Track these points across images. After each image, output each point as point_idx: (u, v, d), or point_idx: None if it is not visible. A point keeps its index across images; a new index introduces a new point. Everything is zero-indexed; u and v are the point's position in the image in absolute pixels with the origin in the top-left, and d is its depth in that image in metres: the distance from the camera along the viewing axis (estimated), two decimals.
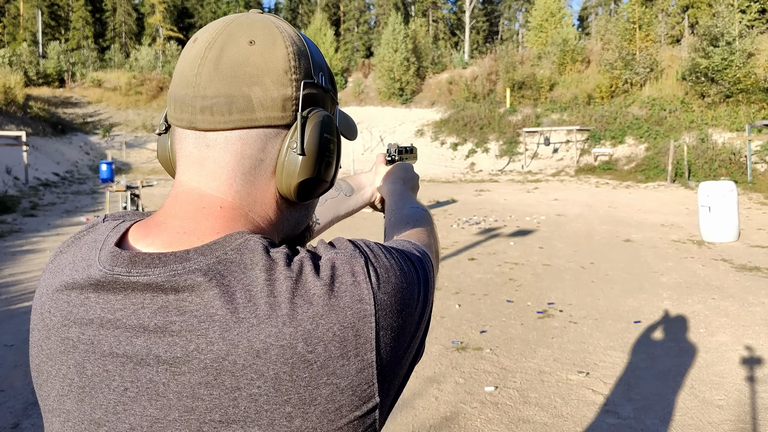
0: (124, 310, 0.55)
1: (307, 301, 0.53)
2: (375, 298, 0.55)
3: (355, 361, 0.53)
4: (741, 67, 21.89)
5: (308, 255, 0.58)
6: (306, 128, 0.61)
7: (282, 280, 0.54)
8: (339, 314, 0.53)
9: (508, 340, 4.71)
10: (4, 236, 10.22)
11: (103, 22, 59.32)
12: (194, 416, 0.52)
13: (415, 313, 0.60)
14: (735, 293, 6.01)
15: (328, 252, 0.58)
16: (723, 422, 3.30)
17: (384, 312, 0.56)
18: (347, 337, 0.53)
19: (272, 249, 0.57)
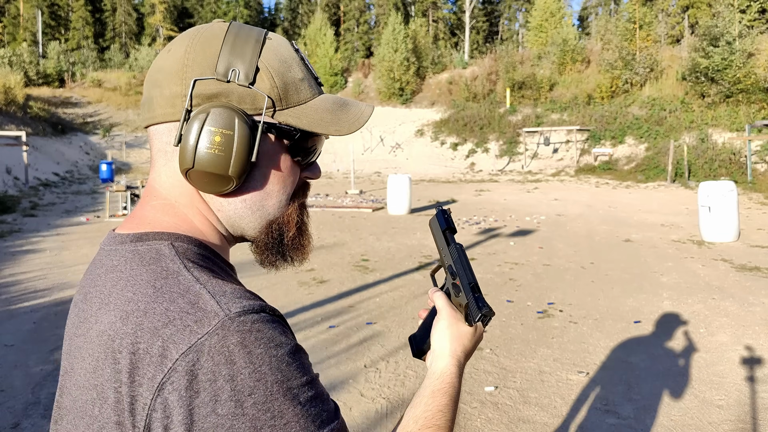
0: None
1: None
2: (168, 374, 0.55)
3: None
4: (741, 67, 21.89)
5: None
6: (190, 121, 0.65)
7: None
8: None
9: (508, 340, 4.71)
10: (4, 236, 10.22)
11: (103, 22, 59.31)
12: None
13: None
14: (735, 293, 6.01)
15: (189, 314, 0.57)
16: (723, 422, 3.30)
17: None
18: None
19: (159, 264, 0.63)
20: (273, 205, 0.72)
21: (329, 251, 8.53)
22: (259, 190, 0.71)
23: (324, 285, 6.46)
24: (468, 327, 0.85)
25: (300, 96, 0.71)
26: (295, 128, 0.70)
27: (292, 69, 0.71)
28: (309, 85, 0.72)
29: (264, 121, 0.68)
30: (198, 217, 0.71)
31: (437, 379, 0.80)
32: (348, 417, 3.32)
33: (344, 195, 17.94)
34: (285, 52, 0.71)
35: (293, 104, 0.70)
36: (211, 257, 0.69)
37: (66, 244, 9.47)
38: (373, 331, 4.90)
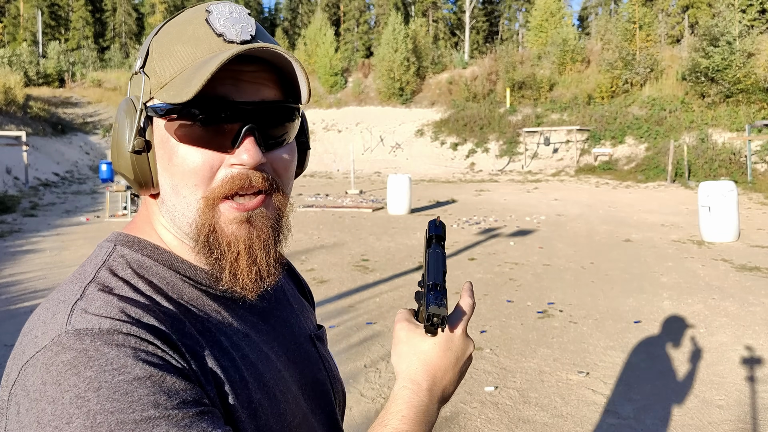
0: None
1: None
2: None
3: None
4: (741, 67, 21.88)
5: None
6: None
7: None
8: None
9: (508, 340, 4.71)
10: (4, 236, 10.22)
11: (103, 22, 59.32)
12: None
13: None
14: (735, 293, 6.01)
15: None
16: (723, 422, 3.30)
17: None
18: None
19: (94, 272, 0.58)
20: (179, 204, 0.60)
21: (329, 251, 8.53)
22: (166, 187, 0.61)
23: (324, 285, 6.46)
24: (427, 340, 0.64)
25: (176, 65, 0.58)
26: (167, 104, 0.57)
27: (178, 37, 0.60)
28: (193, 48, 0.58)
29: (144, 104, 0.60)
30: (158, 224, 0.65)
31: (385, 410, 0.62)
32: (348, 417, 3.32)
33: (344, 195, 17.94)
34: (184, 18, 0.61)
35: (168, 78, 0.58)
36: (156, 266, 0.61)
37: (66, 244, 9.47)
38: (373, 331, 4.90)
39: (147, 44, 0.62)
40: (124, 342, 0.50)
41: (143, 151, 0.60)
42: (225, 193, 0.59)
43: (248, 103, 0.58)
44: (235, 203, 0.59)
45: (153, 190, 0.62)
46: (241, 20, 0.60)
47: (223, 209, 0.59)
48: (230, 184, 0.58)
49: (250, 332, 0.65)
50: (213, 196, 0.59)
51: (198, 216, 0.59)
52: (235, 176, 0.58)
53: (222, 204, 0.59)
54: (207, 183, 0.59)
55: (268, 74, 0.61)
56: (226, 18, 0.59)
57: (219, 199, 0.59)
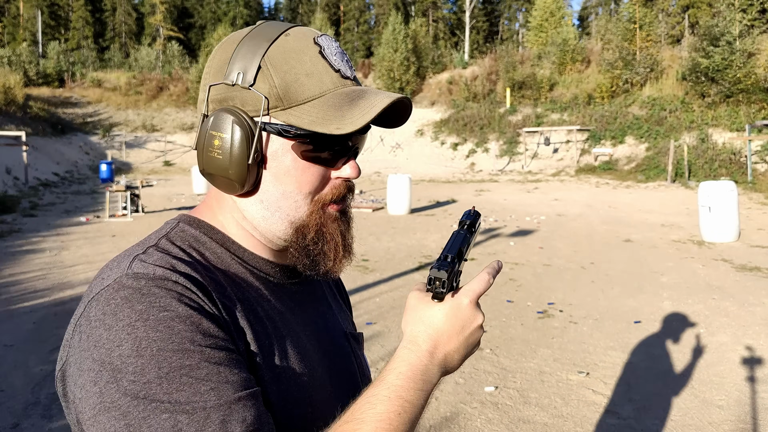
0: None
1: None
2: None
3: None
4: (741, 67, 21.88)
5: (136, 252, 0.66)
6: (202, 126, 0.70)
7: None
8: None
9: (508, 340, 4.71)
10: (3, 236, 10.21)
11: (103, 22, 59.30)
12: None
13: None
14: (735, 293, 6.01)
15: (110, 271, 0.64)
16: (723, 422, 3.30)
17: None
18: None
19: (159, 239, 0.69)
20: (290, 206, 0.71)
21: None
22: (274, 192, 0.71)
23: None
24: (434, 306, 0.67)
25: (305, 93, 0.67)
26: (297, 128, 0.67)
27: (299, 65, 0.68)
28: (319, 80, 0.68)
29: (263, 122, 0.68)
30: (227, 215, 0.75)
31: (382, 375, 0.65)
32: None
33: None
34: (296, 47, 0.68)
35: (296, 102, 0.67)
36: (211, 242, 0.72)
37: (66, 244, 9.47)
38: (373, 331, 4.90)
39: (252, 62, 0.68)
40: (172, 287, 0.60)
41: (256, 162, 0.69)
42: (332, 198, 0.72)
43: (355, 133, 0.68)
44: (334, 205, 0.73)
45: (241, 190, 0.70)
46: (345, 55, 0.73)
47: (328, 211, 0.73)
48: (336, 191, 0.73)
49: (286, 312, 0.74)
50: (321, 201, 0.72)
51: (306, 216, 0.71)
52: (339, 186, 0.73)
53: (327, 207, 0.73)
54: (318, 191, 0.72)
55: None
56: (334, 53, 0.71)
57: (327, 204, 0.72)
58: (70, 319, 0.64)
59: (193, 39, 59.02)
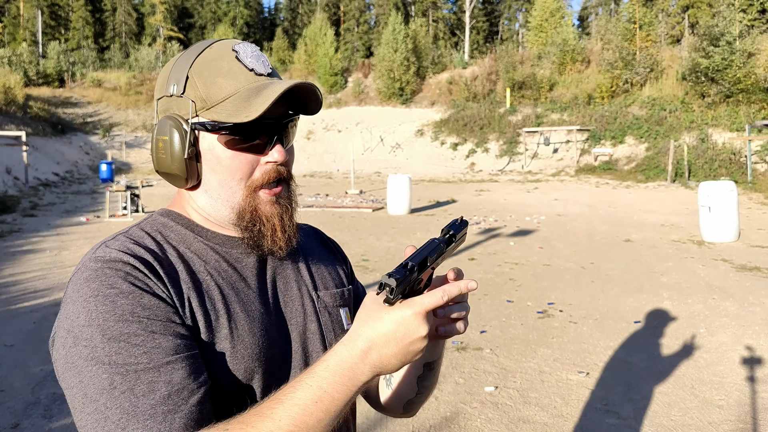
0: None
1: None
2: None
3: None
4: (741, 67, 21.88)
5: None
6: (153, 132, 0.83)
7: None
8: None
9: (508, 340, 4.71)
10: (4, 236, 10.21)
11: (103, 22, 59.29)
12: None
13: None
14: (735, 293, 6.01)
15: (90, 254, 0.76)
16: (723, 422, 3.30)
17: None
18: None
19: (127, 230, 0.81)
20: (227, 192, 0.81)
21: None
22: (212, 181, 0.81)
23: None
24: (383, 309, 0.68)
25: (222, 92, 0.78)
26: (218, 122, 0.78)
27: (217, 70, 0.79)
28: (234, 80, 0.78)
29: (193, 123, 0.79)
30: (187, 206, 0.86)
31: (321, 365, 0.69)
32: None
33: (344, 195, 17.94)
34: (216, 55, 0.80)
35: (217, 101, 0.78)
36: (177, 226, 0.84)
37: (66, 244, 9.47)
38: None
39: (181, 74, 0.80)
40: (121, 268, 0.72)
41: (193, 157, 0.81)
42: (262, 182, 0.81)
43: (274, 119, 0.80)
44: (267, 190, 0.82)
45: (191, 183, 0.82)
46: (260, 57, 0.82)
47: (260, 195, 0.82)
48: (266, 175, 0.81)
49: (241, 281, 0.83)
50: (254, 186, 0.81)
51: (242, 200, 0.81)
52: (269, 170, 0.81)
53: (258, 191, 0.82)
54: (248, 176, 0.81)
55: (280, 96, 0.78)
56: (250, 56, 0.81)
57: (258, 187, 0.81)
58: None
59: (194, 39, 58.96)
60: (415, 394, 0.95)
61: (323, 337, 0.88)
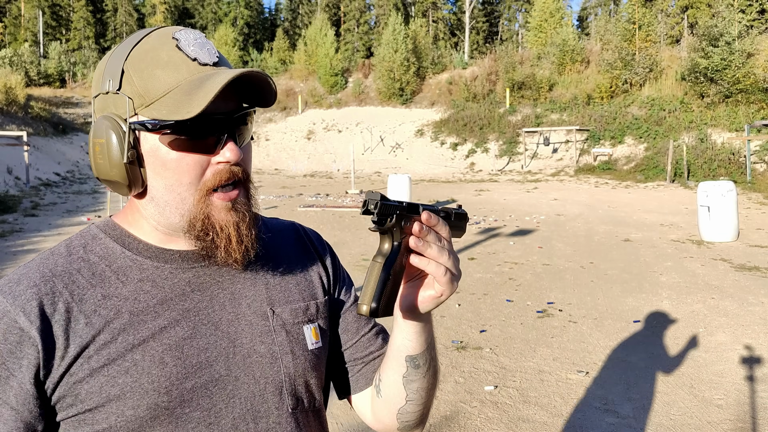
0: None
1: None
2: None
3: None
4: (740, 67, 21.90)
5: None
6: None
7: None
8: None
9: (507, 340, 4.73)
10: (5, 236, 10.23)
11: (104, 23, 59.32)
12: None
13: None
14: (734, 293, 6.03)
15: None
16: (722, 422, 3.32)
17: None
18: None
19: (78, 234, 0.77)
20: (175, 198, 0.72)
21: None
22: (159, 187, 0.72)
23: None
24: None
25: (162, 87, 0.69)
26: (159, 120, 0.69)
27: (155, 61, 0.70)
28: (175, 71, 0.69)
29: (131, 122, 0.70)
30: (135, 215, 0.77)
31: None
32: (348, 417, 3.34)
33: (344, 195, 17.96)
34: (154, 45, 0.71)
35: (156, 97, 0.69)
36: (106, 239, 0.76)
37: None
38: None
39: (116, 68, 0.71)
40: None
41: (134, 161, 0.71)
42: (215, 185, 0.71)
43: (225, 114, 0.71)
44: (222, 194, 0.72)
45: (137, 191, 0.73)
46: (205, 44, 0.72)
47: (213, 200, 0.72)
48: (219, 177, 0.71)
49: (166, 302, 0.74)
50: (205, 189, 0.71)
51: (193, 207, 0.71)
52: (221, 171, 0.71)
53: (212, 196, 0.72)
54: (198, 179, 0.71)
55: (230, 88, 0.71)
56: (194, 44, 0.71)
57: (209, 191, 0.71)
58: None
59: None
60: (405, 400, 0.82)
61: (274, 360, 0.77)
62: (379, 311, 0.66)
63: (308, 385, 0.81)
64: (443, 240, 0.70)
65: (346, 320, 0.89)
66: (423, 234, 0.68)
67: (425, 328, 0.78)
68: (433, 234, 0.69)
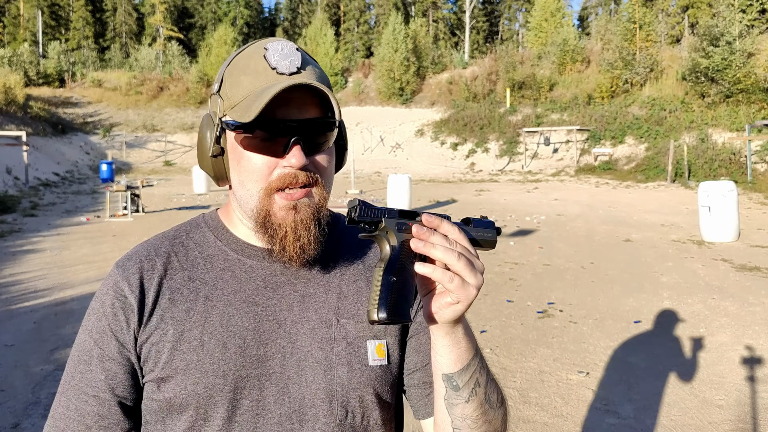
0: None
1: None
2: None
3: None
4: (741, 67, 21.88)
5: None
6: None
7: None
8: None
9: (508, 340, 4.71)
10: (4, 236, 10.22)
11: (104, 22, 59.31)
12: None
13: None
14: (735, 293, 6.01)
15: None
16: (723, 422, 3.30)
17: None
18: None
19: (184, 223, 0.88)
20: (245, 194, 0.78)
21: None
22: (235, 182, 0.80)
23: None
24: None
25: (242, 91, 0.76)
26: (234, 121, 0.76)
27: (244, 68, 0.77)
28: (255, 78, 0.76)
29: (220, 119, 0.78)
30: (229, 208, 0.87)
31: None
32: None
33: (344, 195, 17.95)
34: (249, 53, 0.79)
35: (238, 100, 0.76)
36: (205, 228, 0.86)
37: (66, 244, 9.47)
38: None
39: (222, 72, 0.81)
40: (115, 273, 0.82)
41: (219, 155, 0.80)
42: (279, 186, 0.76)
43: (293, 121, 0.75)
44: (285, 194, 0.76)
45: (224, 184, 0.83)
46: (290, 55, 0.78)
47: (276, 198, 0.76)
48: (282, 180, 0.76)
49: (239, 292, 0.80)
50: (270, 188, 0.76)
51: (258, 203, 0.77)
52: (286, 174, 0.76)
53: (276, 194, 0.76)
54: (266, 179, 0.76)
55: (311, 98, 0.77)
56: (278, 54, 0.77)
57: (274, 190, 0.76)
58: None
59: (194, 39, 59.00)
60: (452, 428, 0.76)
61: (330, 368, 0.78)
62: (387, 317, 0.63)
63: (363, 400, 0.80)
64: (453, 242, 0.67)
65: (420, 341, 0.85)
66: (424, 235, 0.65)
67: (457, 342, 0.72)
68: (438, 236, 0.66)
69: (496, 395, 0.78)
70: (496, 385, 0.79)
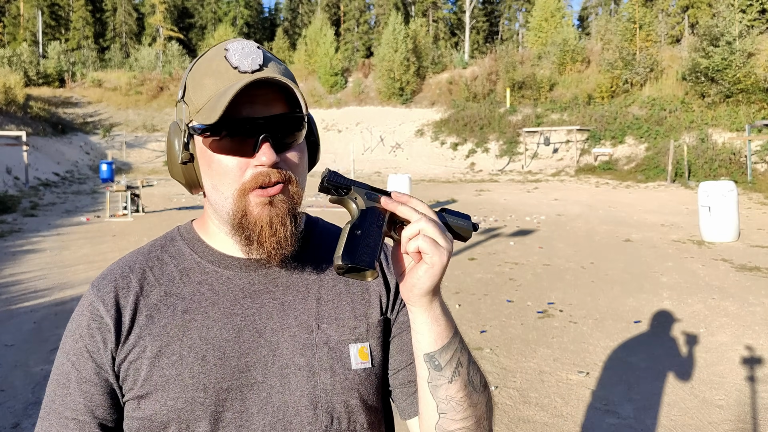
0: None
1: None
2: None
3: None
4: (741, 67, 21.88)
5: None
6: None
7: None
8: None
9: (508, 340, 4.71)
10: (4, 236, 10.22)
11: (104, 22, 59.31)
12: None
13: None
14: (735, 293, 6.01)
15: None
16: (723, 422, 3.30)
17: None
18: None
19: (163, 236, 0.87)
20: (219, 198, 0.77)
21: None
22: (208, 187, 0.79)
23: None
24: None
25: (206, 94, 0.76)
26: (200, 124, 0.74)
27: (205, 71, 0.77)
28: (217, 80, 0.75)
29: (187, 125, 0.78)
30: (204, 218, 0.86)
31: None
32: None
33: None
34: (210, 56, 0.78)
35: (202, 104, 0.76)
36: (180, 241, 0.85)
37: (66, 244, 9.47)
38: None
39: (184, 78, 0.80)
40: (90, 294, 0.81)
41: (189, 162, 0.79)
42: (253, 186, 0.75)
43: (260, 118, 0.74)
44: (260, 190, 0.75)
45: (197, 191, 0.82)
46: (251, 53, 0.77)
47: (251, 197, 0.75)
48: (256, 179, 0.75)
49: (216, 304, 0.80)
50: (243, 189, 0.75)
51: (233, 205, 0.76)
52: (259, 174, 0.75)
53: (250, 194, 0.75)
54: (238, 180, 0.75)
55: (276, 94, 0.76)
56: (239, 53, 0.76)
57: (248, 191, 0.75)
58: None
59: (194, 39, 59.02)
60: (438, 414, 0.75)
61: (312, 374, 0.78)
62: (349, 261, 0.66)
63: (348, 405, 0.79)
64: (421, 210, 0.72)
65: (403, 340, 0.85)
66: (396, 200, 0.72)
67: (436, 318, 0.72)
68: (406, 207, 0.71)
69: (478, 378, 0.78)
70: (478, 369, 0.79)
